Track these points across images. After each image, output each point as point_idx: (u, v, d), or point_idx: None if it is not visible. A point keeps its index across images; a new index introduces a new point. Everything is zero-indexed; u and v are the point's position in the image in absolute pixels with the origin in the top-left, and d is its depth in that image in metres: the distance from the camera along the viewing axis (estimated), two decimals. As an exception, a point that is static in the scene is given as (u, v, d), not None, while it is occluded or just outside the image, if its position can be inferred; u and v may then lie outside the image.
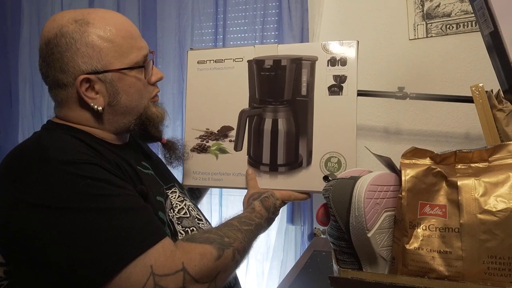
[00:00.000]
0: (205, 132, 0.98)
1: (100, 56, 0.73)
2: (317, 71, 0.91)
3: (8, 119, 1.92)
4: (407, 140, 1.51)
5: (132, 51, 0.76)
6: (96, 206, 0.61)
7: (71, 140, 0.71)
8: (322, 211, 0.73)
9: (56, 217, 0.60)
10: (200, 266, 0.63)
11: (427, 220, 0.58)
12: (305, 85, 0.91)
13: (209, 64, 0.97)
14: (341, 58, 0.89)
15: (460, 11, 1.44)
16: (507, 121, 0.76)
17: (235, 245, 0.70)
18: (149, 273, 0.59)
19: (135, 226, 0.62)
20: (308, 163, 0.91)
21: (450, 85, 1.44)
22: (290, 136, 0.93)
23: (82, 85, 0.73)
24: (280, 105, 0.93)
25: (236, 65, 0.95)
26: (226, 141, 0.96)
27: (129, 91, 0.77)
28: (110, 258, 0.59)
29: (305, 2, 1.52)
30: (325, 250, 1.30)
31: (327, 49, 0.91)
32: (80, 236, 0.59)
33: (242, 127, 0.95)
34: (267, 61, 0.93)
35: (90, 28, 0.73)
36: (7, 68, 1.94)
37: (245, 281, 1.64)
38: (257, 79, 0.94)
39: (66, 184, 0.61)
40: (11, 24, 1.95)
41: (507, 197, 0.54)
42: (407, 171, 0.59)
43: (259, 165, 0.95)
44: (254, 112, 0.94)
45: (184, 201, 0.87)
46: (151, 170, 0.83)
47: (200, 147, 0.98)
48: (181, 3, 1.72)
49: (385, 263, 0.62)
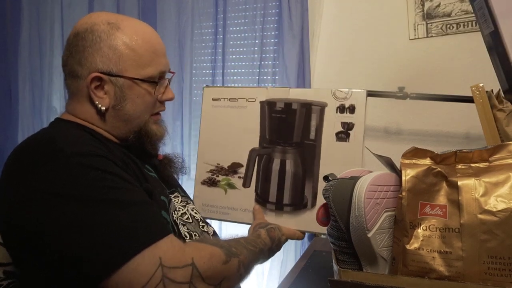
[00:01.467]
0: (216, 167, 1.02)
1: (118, 60, 0.76)
2: (326, 116, 0.94)
3: (8, 119, 1.92)
4: (407, 140, 1.51)
5: (150, 65, 0.79)
6: (107, 197, 0.62)
7: (81, 134, 0.73)
8: (322, 211, 0.73)
9: (68, 206, 0.61)
10: (209, 265, 0.64)
11: (427, 220, 0.58)
12: (314, 129, 0.95)
13: (223, 102, 1.02)
14: (350, 105, 0.93)
15: (460, 11, 1.44)
16: (508, 121, 0.76)
17: (241, 257, 0.71)
18: (158, 264, 0.60)
19: (144, 219, 0.63)
20: (312, 205, 0.94)
21: (450, 85, 1.44)
22: (297, 177, 0.96)
23: (93, 82, 0.75)
24: (288, 147, 0.96)
25: (249, 105, 0.99)
26: (235, 177, 1.00)
27: (135, 100, 0.78)
28: (119, 248, 0.59)
29: (305, 2, 1.52)
30: (325, 250, 1.29)
31: (336, 96, 0.94)
32: (89, 225, 0.60)
33: (251, 165, 0.99)
34: (278, 103, 0.97)
35: (118, 33, 0.76)
36: (7, 68, 1.94)
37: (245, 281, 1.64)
38: (268, 120, 0.98)
39: (77, 174, 0.63)
40: (11, 24, 1.95)
41: (507, 197, 0.54)
42: (407, 171, 0.59)
43: (265, 203, 0.98)
44: (263, 151, 0.98)
45: (187, 205, 0.88)
46: (154, 173, 0.84)
47: (210, 180, 1.02)
48: (181, 3, 1.72)
49: (385, 263, 0.62)
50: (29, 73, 1.94)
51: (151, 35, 0.81)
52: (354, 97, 0.93)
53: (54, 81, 1.94)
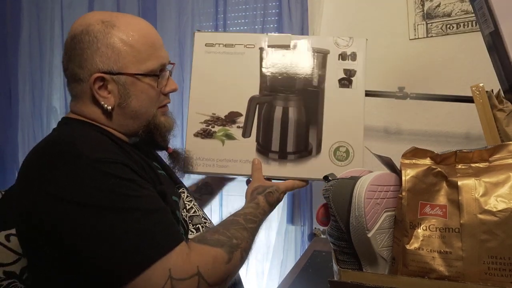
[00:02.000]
0: (211, 117, 0.97)
1: (118, 58, 0.76)
2: (328, 64, 0.94)
3: (8, 119, 1.92)
4: (407, 140, 1.51)
5: (150, 58, 0.79)
6: (123, 206, 0.62)
7: (100, 137, 0.74)
8: (322, 211, 0.73)
9: (83, 213, 0.61)
10: (213, 270, 0.65)
11: (427, 220, 0.58)
12: (317, 76, 0.95)
13: (217, 48, 0.97)
14: (352, 53, 0.94)
15: (461, 11, 1.44)
16: (508, 121, 0.76)
17: (243, 245, 0.72)
18: (168, 277, 0.61)
19: (158, 229, 0.64)
20: (317, 152, 0.94)
21: (450, 85, 1.44)
22: (300, 124, 0.95)
23: (95, 83, 0.75)
24: (291, 94, 0.95)
25: (247, 51, 0.96)
26: (233, 127, 0.96)
27: (140, 96, 0.79)
28: (133, 260, 0.60)
29: (305, 2, 1.52)
30: (325, 250, 1.29)
31: (338, 44, 0.95)
32: (105, 235, 0.60)
33: (251, 113, 0.96)
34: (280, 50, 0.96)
35: (114, 31, 0.76)
36: (7, 68, 1.94)
37: (245, 281, 1.64)
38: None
39: (95, 181, 0.63)
40: (11, 24, 1.95)
41: (507, 197, 0.54)
42: (407, 171, 0.59)
43: (268, 152, 0.95)
44: (264, 99, 0.95)
45: (192, 200, 0.88)
46: (163, 170, 0.85)
47: (205, 132, 0.97)
48: (181, 3, 1.72)
49: (385, 263, 0.62)
50: (29, 73, 1.94)
51: (147, 29, 0.81)
52: (355, 45, 0.94)
53: (54, 81, 1.93)
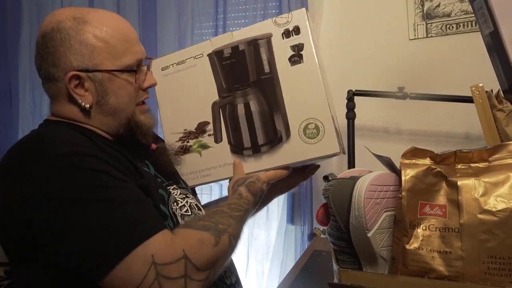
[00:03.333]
0: (184, 133, 0.99)
1: (92, 55, 0.74)
2: (274, 46, 0.93)
3: (8, 119, 1.92)
4: (407, 140, 1.51)
5: (126, 54, 0.77)
6: (96, 197, 0.61)
7: (71, 133, 0.72)
8: (322, 211, 0.73)
9: (56, 209, 0.60)
10: (200, 253, 0.63)
11: (427, 220, 0.58)
12: (267, 63, 0.93)
13: (172, 68, 0.99)
14: (294, 27, 0.91)
15: (460, 11, 1.44)
16: (507, 121, 0.76)
17: (230, 231, 0.70)
18: (150, 263, 0.59)
19: (135, 217, 0.63)
20: (287, 136, 0.92)
21: (450, 85, 1.44)
22: (264, 114, 0.94)
23: (71, 81, 0.74)
24: (248, 88, 0.95)
25: (198, 62, 0.97)
26: (205, 136, 0.97)
27: (118, 92, 0.77)
28: (110, 249, 0.59)
29: (305, 2, 1.52)
30: (325, 250, 1.30)
31: (278, 23, 0.92)
32: (80, 228, 0.59)
33: (217, 118, 0.97)
34: (225, 50, 0.95)
35: (86, 27, 0.74)
36: (7, 68, 1.94)
37: (245, 281, 1.64)
38: (220, 69, 0.96)
39: (65, 176, 0.62)
40: (11, 24, 1.95)
41: (507, 197, 0.54)
42: (407, 171, 0.59)
43: (242, 150, 0.96)
44: (225, 101, 0.96)
45: (186, 198, 0.87)
46: (149, 168, 0.84)
47: (183, 148, 0.99)
48: (181, 3, 1.72)
49: (385, 263, 0.62)
50: (29, 73, 1.94)
51: (121, 24, 0.78)
52: (295, 18, 0.92)
53: (54, 81, 1.94)
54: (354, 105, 1.35)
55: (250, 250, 1.67)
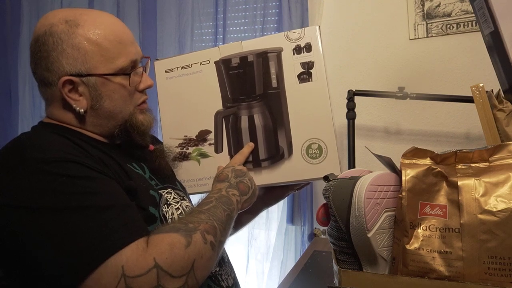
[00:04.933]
0: (184, 140, 0.97)
1: (85, 59, 0.73)
2: (284, 61, 0.91)
3: (8, 119, 1.92)
4: (407, 140, 1.51)
5: (119, 56, 0.75)
6: (71, 205, 0.60)
7: (53, 138, 0.71)
8: (322, 211, 0.73)
9: (30, 217, 0.59)
10: (172, 258, 0.59)
11: (427, 220, 0.58)
12: (275, 77, 0.91)
13: (176, 72, 0.97)
14: (306, 44, 0.90)
15: (460, 11, 1.44)
16: (508, 121, 0.76)
17: (201, 227, 0.66)
18: (120, 275, 0.56)
19: (110, 226, 0.60)
20: (289, 154, 0.91)
21: (450, 85, 1.44)
22: (268, 129, 0.93)
23: (65, 86, 0.73)
24: (253, 101, 0.93)
25: (204, 68, 0.95)
26: (206, 145, 0.95)
27: (112, 96, 0.76)
28: (81, 259, 0.57)
29: (305, 2, 1.52)
30: (325, 250, 1.30)
31: (290, 38, 0.90)
32: (52, 236, 0.58)
33: (219, 128, 0.95)
34: (233, 59, 0.93)
35: (78, 30, 0.73)
36: (7, 68, 1.94)
37: (245, 281, 1.64)
38: (226, 78, 0.94)
39: (41, 183, 0.61)
40: (11, 24, 1.95)
41: (507, 197, 0.54)
42: (407, 171, 0.59)
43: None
44: (228, 112, 0.94)
45: (182, 201, 0.85)
46: (143, 170, 0.82)
47: (181, 155, 0.97)
48: (181, 3, 1.72)
49: (386, 263, 0.62)
50: (29, 73, 1.93)
51: (114, 25, 0.76)
52: (307, 35, 0.90)
53: (54, 81, 1.94)
54: (354, 105, 1.35)
55: (250, 250, 1.67)
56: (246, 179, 0.85)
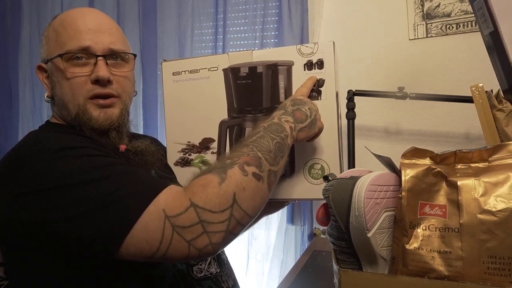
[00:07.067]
0: (187, 145, 0.95)
1: (48, 46, 0.78)
2: (294, 76, 0.87)
3: (8, 119, 1.93)
4: (407, 140, 1.51)
5: (69, 41, 0.75)
6: (97, 176, 0.63)
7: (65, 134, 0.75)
8: (322, 211, 0.73)
9: (60, 195, 0.61)
10: (206, 196, 0.61)
11: (427, 220, 0.58)
12: (283, 91, 0.88)
13: (184, 75, 0.95)
14: (318, 60, 0.86)
15: (460, 11, 1.44)
16: (507, 121, 0.76)
17: (240, 160, 0.65)
18: (164, 217, 0.59)
19: (140, 182, 0.64)
20: (291, 172, 0.88)
21: (449, 85, 1.44)
22: None
23: (38, 73, 0.80)
24: (259, 114, 0.90)
25: (212, 75, 0.92)
26: (208, 153, 0.94)
27: (62, 83, 0.76)
28: (122, 214, 0.60)
29: (305, 2, 1.52)
30: (325, 250, 1.30)
31: (302, 53, 0.87)
32: (89, 205, 0.60)
33: (223, 138, 0.93)
34: (242, 68, 0.90)
35: (53, 21, 0.79)
36: (7, 68, 1.94)
37: (245, 281, 1.64)
38: (234, 87, 0.91)
39: (64, 165, 0.64)
40: (11, 24, 1.95)
41: (507, 197, 0.54)
42: (407, 171, 0.59)
43: None
44: (233, 122, 0.92)
45: None
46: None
47: (183, 160, 0.96)
48: (181, 3, 1.72)
49: (385, 263, 0.62)
50: (29, 73, 1.94)
51: (81, 15, 0.77)
52: (321, 51, 0.85)
53: (54, 81, 1.94)
54: (354, 105, 1.35)
55: (250, 250, 1.67)
56: (305, 107, 0.78)
